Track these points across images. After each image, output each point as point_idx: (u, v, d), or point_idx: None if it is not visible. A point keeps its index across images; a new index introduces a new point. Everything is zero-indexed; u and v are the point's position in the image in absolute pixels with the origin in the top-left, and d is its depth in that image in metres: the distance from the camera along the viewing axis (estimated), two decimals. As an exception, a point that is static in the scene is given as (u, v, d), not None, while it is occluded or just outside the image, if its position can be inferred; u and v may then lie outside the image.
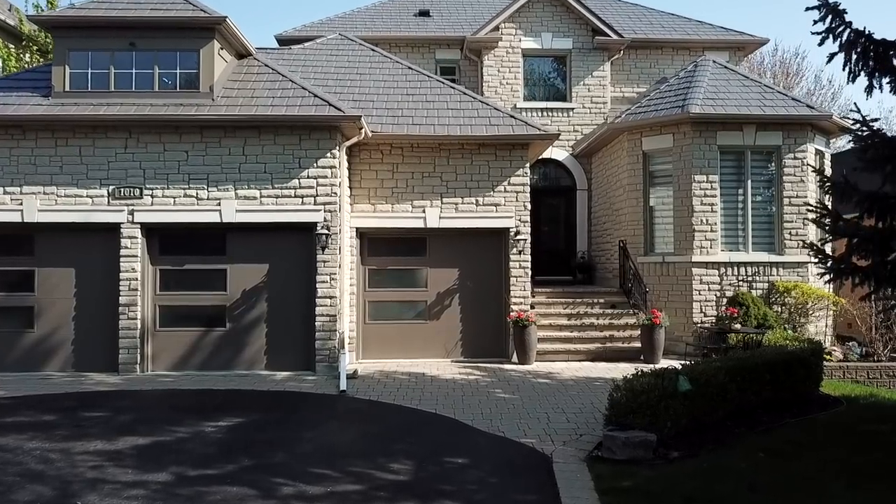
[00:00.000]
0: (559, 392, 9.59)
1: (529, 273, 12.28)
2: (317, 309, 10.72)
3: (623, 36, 16.71)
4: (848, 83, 8.26)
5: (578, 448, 7.06)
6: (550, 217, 17.32)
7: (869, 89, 7.56)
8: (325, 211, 10.79)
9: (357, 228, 12.02)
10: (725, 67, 14.38)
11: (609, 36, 16.59)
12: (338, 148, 10.89)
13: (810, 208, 8.14)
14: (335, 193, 10.82)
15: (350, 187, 11.98)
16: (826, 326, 13.13)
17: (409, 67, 14.03)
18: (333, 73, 13.73)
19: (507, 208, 12.17)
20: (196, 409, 8.60)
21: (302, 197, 10.83)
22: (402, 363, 11.70)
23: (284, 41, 16.94)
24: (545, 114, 16.73)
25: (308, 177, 10.83)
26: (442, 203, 12.12)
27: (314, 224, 10.76)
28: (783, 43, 46.78)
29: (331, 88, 12.98)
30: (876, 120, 8.07)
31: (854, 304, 12.26)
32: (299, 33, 17.30)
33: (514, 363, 11.81)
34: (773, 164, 13.14)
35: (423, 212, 12.06)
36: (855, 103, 8.13)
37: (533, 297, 12.94)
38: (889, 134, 7.88)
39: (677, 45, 17.39)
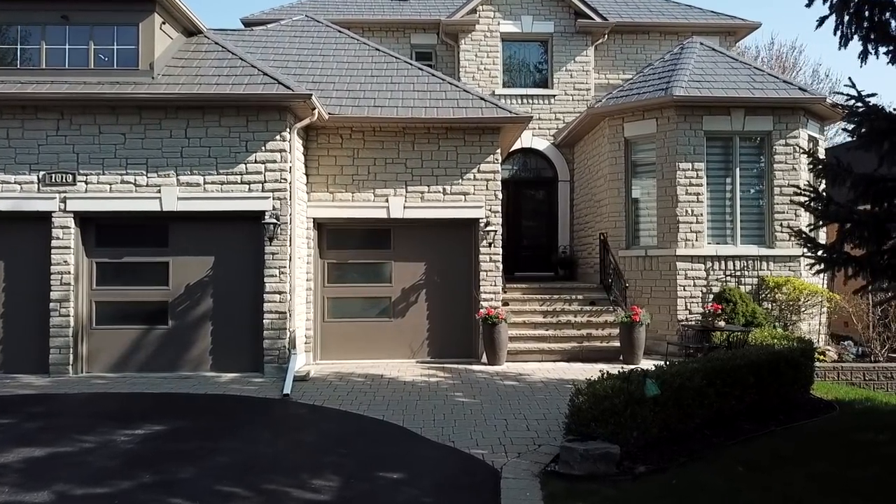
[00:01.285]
0: (525, 396, 8.74)
1: (500, 267, 11.42)
2: (265, 305, 9.85)
3: (607, 19, 15.86)
4: (840, 48, 7.35)
5: (534, 461, 6.21)
6: (531, 210, 16.49)
7: (863, 55, 6.73)
8: (273, 198, 9.92)
9: (314, 219, 11.14)
10: (713, 50, 13.52)
11: (592, 19, 15.76)
12: (288, 130, 10.03)
13: (798, 191, 7.30)
14: (285, 179, 9.95)
15: (307, 174, 11.12)
16: (820, 325, 12.29)
17: (377, 49, 13.17)
18: (295, 55, 12.88)
19: (476, 197, 11.31)
20: (119, 415, 7.73)
21: (249, 183, 9.97)
22: (362, 364, 10.84)
23: (250, 24, 16.06)
24: (525, 101, 15.90)
25: (256, 161, 9.97)
26: (407, 192, 11.26)
27: (262, 213, 9.90)
28: (780, 36, 45.93)
29: (290, 70, 12.14)
30: (872, 95, 7.25)
31: (850, 300, 11.40)
32: (267, 16, 16.44)
33: (484, 364, 10.96)
34: (763, 151, 12.30)
35: (387, 201, 11.20)
36: (850, 77, 7.25)
37: (505, 292, 12.10)
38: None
39: (665, 30, 16.54)
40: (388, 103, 11.29)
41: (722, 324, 9.79)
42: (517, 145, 15.68)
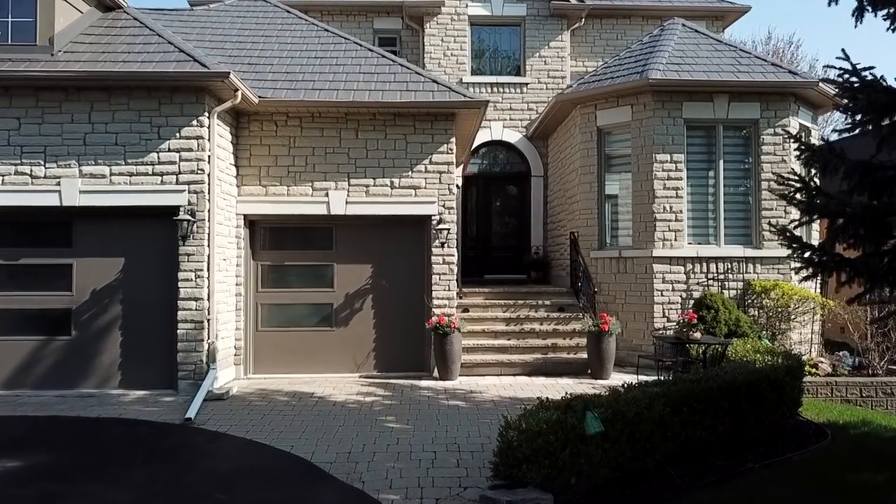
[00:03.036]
0: (469, 420, 7.53)
1: (455, 270, 10.23)
2: (179, 314, 8.65)
3: (584, 1, 14.67)
4: (830, 4, 6.22)
5: (452, 511, 5.03)
6: (503, 208, 15.32)
7: (858, 12, 5.61)
8: (189, 192, 8.72)
9: (245, 216, 9.94)
10: (696, 31, 12.34)
11: (568, 0, 14.56)
12: (207, 114, 8.82)
13: (781, 179, 6.11)
14: (202, 170, 8.75)
15: (237, 166, 9.92)
16: (812, 333, 11.10)
17: (325, 30, 11.97)
18: (234, 36, 11.66)
19: (428, 192, 10.12)
20: (-21, 446, 6.54)
21: (162, 175, 8.76)
22: (297, 379, 9.64)
23: (198, 5, 14.83)
24: (496, 89, 14.71)
25: (169, 150, 8.76)
26: (350, 185, 10.06)
27: (177, 208, 8.70)
28: (777, 31, 44.76)
29: (226, 51, 10.95)
30: (869, 68, 6.10)
31: (845, 306, 10.22)
32: (217, -3, 15.21)
33: (435, 378, 9.77)
34: (749, 141, 11.10)
35: (327, 195, 10.00)
36: (843, 49, 6.12)
37: (462, 297, 10.94)
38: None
39: (647, 14, 15.35)
40: (329, 86, 10.08)
41: (698, 335, 8.59)
42: (486, 137, 14.54)
